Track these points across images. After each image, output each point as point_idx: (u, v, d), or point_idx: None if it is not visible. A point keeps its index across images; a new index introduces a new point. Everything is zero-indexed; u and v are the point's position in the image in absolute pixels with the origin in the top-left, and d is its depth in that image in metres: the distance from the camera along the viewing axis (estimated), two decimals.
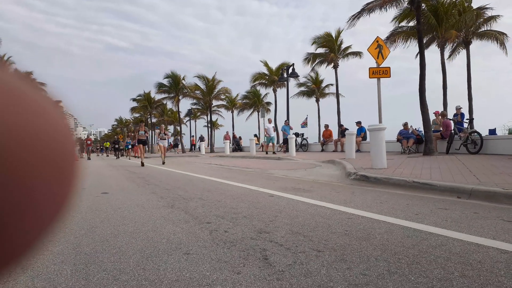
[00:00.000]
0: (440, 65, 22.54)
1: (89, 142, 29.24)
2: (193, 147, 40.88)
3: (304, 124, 28.51)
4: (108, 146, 47.11)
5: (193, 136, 46.42)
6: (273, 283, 1.95)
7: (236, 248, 2.62)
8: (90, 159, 26.63)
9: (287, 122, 20.50)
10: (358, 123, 18.43)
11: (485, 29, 23.34)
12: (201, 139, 37.10)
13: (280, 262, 2.29)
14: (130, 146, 28.74)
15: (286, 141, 19.74)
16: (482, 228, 3.00)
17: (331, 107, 37.47)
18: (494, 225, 3.11)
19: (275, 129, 20.65)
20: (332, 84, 34.73)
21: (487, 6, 21.73)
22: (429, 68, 12.17)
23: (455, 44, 24.40)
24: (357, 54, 30.19)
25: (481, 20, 22.57)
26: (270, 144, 20.22)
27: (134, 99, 53.81)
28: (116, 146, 31.31)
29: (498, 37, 22.95)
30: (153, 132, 57.42)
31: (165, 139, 16.17)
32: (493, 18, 22.37)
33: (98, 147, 52.23)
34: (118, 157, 29.50)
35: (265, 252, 2.51)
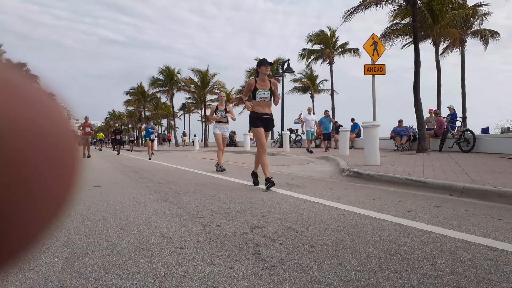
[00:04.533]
0: (434, 63, 22.64)
1: (87, 129, 17.84)
2: (168, 142, 40.49)
3: (298, 120, 28.56)
4: (101, 137, 37.79)
5: (159, 133, 46.18)
6: (265, 278, 1.96)
7: (228, 242, 2.62)
8: (90, 156, 17.08)
9: (327, 113, 16.48)
10: (352, 120, 18.52)
11: (478, 27, 23.46)
12: (184, 134, 36.76)
13: (273, 257, 2.30)
14: (154, 137, 16.71)
15: (326, 136, 16.14)
16: (473, 226, 3.03)
17: (325, 104, 37.60)
18: (485, 223, 3.14)
19: (317, 122, 15.98)
20: (326, 80, 34.76)
21: (483, 3, 21.81)
22: (421, 66, 12.20)
23: (449, 42, 24.50)
24: (354, 51, 30.23)
25: (474, 20, 22.68)
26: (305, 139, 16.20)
27: (127, 93, 53.49)
28: (117, 137, 23.04)
29: (485, 34, 23.04)
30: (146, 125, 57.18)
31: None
32: (484, 15, 22.46)
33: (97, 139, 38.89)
34: (119, 153, 21.34)
35: (258, 247, 2.51)
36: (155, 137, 17.37)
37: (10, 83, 0.21)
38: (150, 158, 14.72)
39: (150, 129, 16.46)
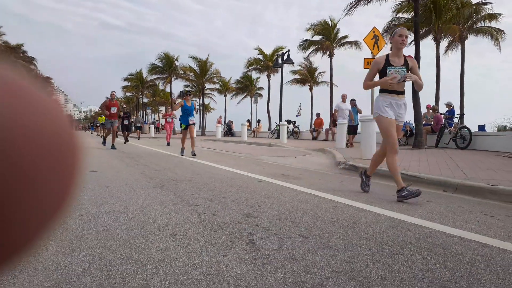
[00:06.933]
0: (433, 59, 22.59)
1: (113, 109, 12.31)
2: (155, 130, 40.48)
3: (298, 113, 28.64)
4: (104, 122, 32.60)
5: (157, 120, 47.10)
6: (258, 267, 1.98)
7: (223, 231, 2.64)
8: (114, 147, 11.97)
9: (353, 102, 13.22)
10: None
11: (481, 25, 23.36)
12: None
13: (266, 246, 2.32)
14: (194, 121, 9.98)
15: (352, 129, 12.93)
16: (466, 222, 3.06)
17: (324, 96, 37.38)
18: (478, 219, 3.17)
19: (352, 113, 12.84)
20: (324, 72, 34.65)
21: (486, 1, 21.70)
22: (421, 62, 12.17)
23: (451, 39, 24.43)
24: (354, 43, 30.06)
25: (478, 16, 22.58)
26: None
27: (126, 79, 53.17)
28: (126, 121, 17.03)
29: (493, 34, 23.00)
30: (144, 112, 57.07)
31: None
32: (494, 16, 22.30)
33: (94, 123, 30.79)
34: (127, 140, 16.58)
35: (252, 236, 2.53)
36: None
37: (10, 82, 0.20)
38: (191, 154, 9.10)
39: (187, 107, 9.68)
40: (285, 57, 20.88)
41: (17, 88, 0.21)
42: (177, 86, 75.16)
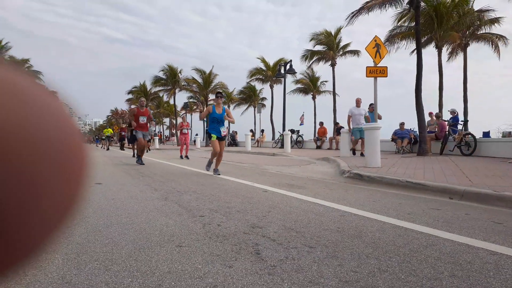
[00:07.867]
0: (436, 66, 22.62)
1: (142, 119, 10.60)
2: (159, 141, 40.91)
3: (302, 122, 28.68)
4: (110, 133, 30.60)
5: (160, 132, 48.26)
6: (264, 278, 1.96)
7: (228, 242, 2.63)
8: (141, 161, 10.32)
9: (372, 107, 11.97)
10: None
11: (483, 31, 23.42)
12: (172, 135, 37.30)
13: (272, 257, 2.30)
14: (226, 133, 7.60)
15: None
16: (473, 229, 3.03)
17: (327, 105, 37.46)
18: (485, 226, 3.14)
19: (369, 118, 12.16)
20: (327, 81, 34.77)
21: (488, 8, 21.75)
22: (424, 70, 12.16)
23: (452, 47, 24.49)
24: (355, 52, 30.21)
25: (478, 23, 22.64)
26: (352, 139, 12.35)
27: (129, 91, 53.53)
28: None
29: (493, 40, 23.03)
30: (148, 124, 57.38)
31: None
32: (496, 20, 22.31)
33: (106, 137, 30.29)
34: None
35: (258, 246, 2.52)
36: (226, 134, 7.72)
37: (9, 82, 0.20)
38: (213, 171, 7.39)
39: (217, 116, 7.47)
40: (288, 67, 20.97)
41: (16, 89, 0.20)
42: (181, 97, 75.64)
